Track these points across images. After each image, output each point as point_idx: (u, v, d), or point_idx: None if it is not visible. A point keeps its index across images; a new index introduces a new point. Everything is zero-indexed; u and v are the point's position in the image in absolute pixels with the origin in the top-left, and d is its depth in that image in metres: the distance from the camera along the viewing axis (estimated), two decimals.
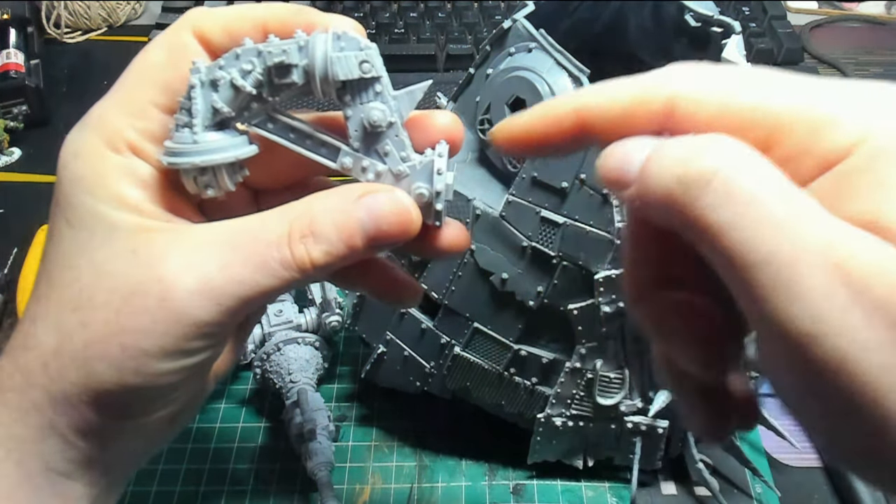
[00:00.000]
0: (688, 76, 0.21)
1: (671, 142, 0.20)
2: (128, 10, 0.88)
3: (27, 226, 0.63)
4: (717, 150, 0.19)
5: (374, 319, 0.49)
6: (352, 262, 0.26)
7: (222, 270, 0.24)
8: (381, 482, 0.49)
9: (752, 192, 0.18)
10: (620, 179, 0.21)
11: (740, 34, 0.43)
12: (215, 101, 0.25)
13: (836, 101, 0.20)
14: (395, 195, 0.26)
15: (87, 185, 0.25)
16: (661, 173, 0.20)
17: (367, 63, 0.25)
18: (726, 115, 0.20)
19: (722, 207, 0.18)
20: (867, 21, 0.91)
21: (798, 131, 0.20)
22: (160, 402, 0.26)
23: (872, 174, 0.18)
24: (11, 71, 0.73)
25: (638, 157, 0.20)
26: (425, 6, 0.85)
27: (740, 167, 0.19)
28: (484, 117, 0.42)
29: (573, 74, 0.39)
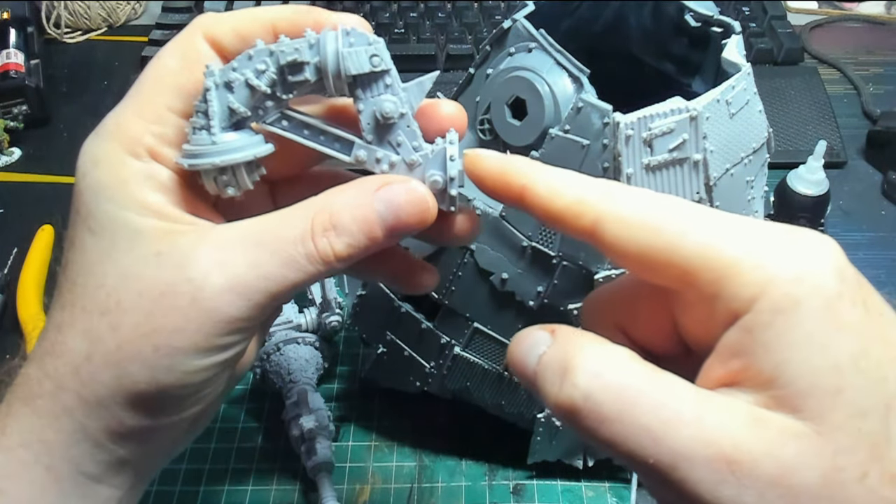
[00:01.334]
0: (618, 200, 0.22)
1: (548, 356, 0.22)
2: (128, 10, 0.88)
3: (27, 226, 0.63)
4: (581, 374, 0.21)
5: (374, 319, 0.49)
6: (373, 252, 0.27)
7: (250, 267, 0.25)
8: (381, 482, 0.49)
9: (619, 412, 0.20)
10: (523, 382, 0.23)
11: (740, 34, 0.43)
12: (231, 102, 0.26)
13: (741, 248, 0.20)
14: (411, 185, 0.27)
15: (109, 193, 0.26)
16: (545, 397, 0.22)
17: (377, 57, 0.26)
18: (643, 253, 0.22)
19: (599, 429, 0.20)
20: (867, 21, 0.91)
21: (705, 277, 0.20)
22: (191, 400, 0.27)
23: (773, 332, 0.19)
24: (11, 71, 0.73)
25: (531, 364, 0.22)
26: (425, 6, 0.85)
27: (605, 388, 0.20)
28: (484, 117, 0.42)
29: (573, 74, 0.39)
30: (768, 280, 0.19)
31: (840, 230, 0.66)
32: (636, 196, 0.22)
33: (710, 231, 0.21)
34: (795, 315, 0.19)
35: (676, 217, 0.21)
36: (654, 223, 0.21)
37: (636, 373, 0.20)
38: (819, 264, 0.20)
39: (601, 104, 0.38)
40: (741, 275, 0.20)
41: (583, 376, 0.21)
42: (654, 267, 0.21)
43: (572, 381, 0.21)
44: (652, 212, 0.22)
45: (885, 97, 0.79)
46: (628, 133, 0.37)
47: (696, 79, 0.47)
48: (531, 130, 0.40)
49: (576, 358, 0.21)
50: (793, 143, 0.71)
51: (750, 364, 0.20)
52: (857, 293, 0.20)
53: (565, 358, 0.21)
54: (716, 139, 0.39)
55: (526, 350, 0.23)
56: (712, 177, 0.40)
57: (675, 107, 0.38)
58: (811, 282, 0.19)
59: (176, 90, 0.26)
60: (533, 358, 0.22)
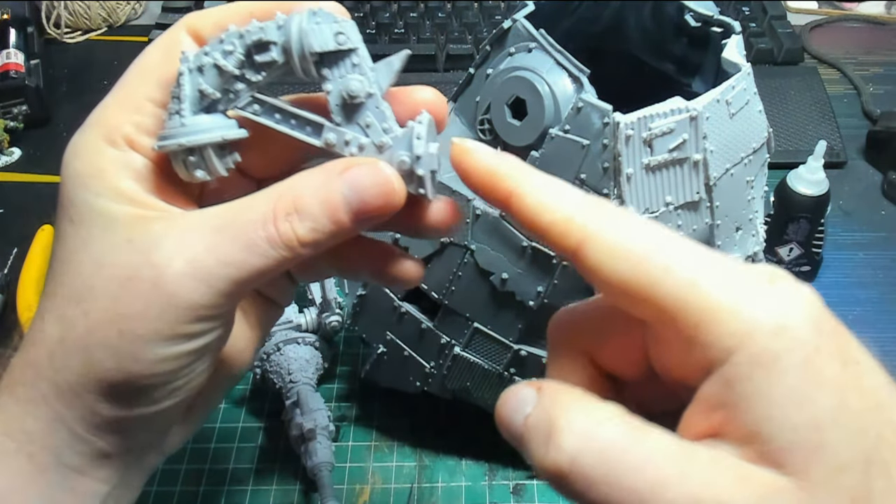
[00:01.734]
0: (605, 225, 0.22)
1: (533, 416, 0.21)
2: (128, 10, 0.88)
3: (27, 226, 0.63)
4: (566, 437, 0.20)
5: (374, 319, 0.49)
6: (342, 239, 0.26)
7: (211, 252, 0.25)
8: (381, 482, 0.49)
9: (606, 475, 0.20)
10: (511, 439, 0.22)
11: (740, 34, 0.43)
12: (200, 85, 0.26)
13: (721, 293, 0.20)
14: (376, 166, 0.25)
15: (86, 181, 0.26)
16: (533, 460, 0.21)
17: (343, 35, 0.25)
18: (623, 284, 0.21)
19: (587, 492, 0.20)
20: (867, 21, 0.91)
21: (684, 320, 0.20)
22: (163, 392, 0.26)
23: (752, 386, 0.19)
24: (11, 71, 0.73)
25: (517, 425, 0.22)
26: (425, 6, 0.85)
27: (591, 450, 0.20)
28: (484, 117, 0.42)
29: (573, 74, 0.39)
30: (747, 332, 0.19)
31: (840, 230, 0.66)
32: (624, 223, 0.22)
33: (694, 270, 0.20)
34: (775, 370, 0.19)
35: (661, 251, 0.21)
36: (638, 254, 0.21)
37: (620, 432, 0.20)
38: (798, 316, 0.19)
39: (601, 104, 0.38)
40: (720, 323, 0.19)
41: (567, 439, 0.20)
42: (634, 300, 0.21)
43: (557, 443, 0.20)
44: (637, 242, 0.21)
45: (885, 97, 0.79)
46: (628, 133, 0.37)
47: (696, 79, 0.47)
48: (531, 130, 0.40)
49: (560, 420, 0.21)
50: (793, 143, 0.71)
51: (731, 417, 0.20)
52: (833, 345, 0.20)
53: (549, 419, 0.21)
54: (716, 139, 0.39)
55: (511, 411, 0.22)
56: (712, 177, 0.40)
57: (675, 107, 0.38)
58: (790, 336, 0.19)
59: (157, 81, 0.27)
60: (519, 419, 0.22)
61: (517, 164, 0.24)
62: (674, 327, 0.20)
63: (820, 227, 0.59)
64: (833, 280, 0.62)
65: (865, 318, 0.59)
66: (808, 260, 0.61)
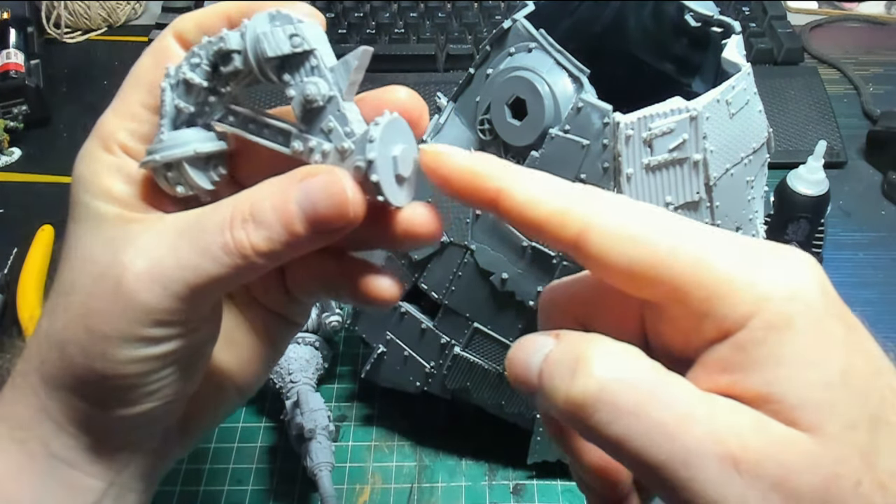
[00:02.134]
0: (605, 211, 0.21)
1: (557, 352, 0.21)
2: (128, 10, 0.88)
3: (27, 226, 0.63)
4: (597, 366, 0.20)
5: (374, 319, 0.49)
6: (302, 252, 0.25)
7: (171, 254, 0.25)
8: (381, 482, 0.49)
9: (636, 405, 0.20)
10: (525, 386, 0.22)
11: (740, 34, 0.43)
12: (175, 100, 0.26)
13: (733, 266, 0.20)
14: (332, 174, 0.24)
15: (85, 184, 0.27)
16: (553, 394, 0.21)
17: (297, 37, 0.24)
18: (631, 268, 0.21)
19: (613, 423, 0.20)
20: (867, 21, 0.91)
21: (697, 295, 0.20)
22: (135, 394, 0.26)
23: (766, 348, 0.20)
24: (11, 71, 0.73)
25: (535, 365, 0.22)
26: (425, 6, 0.85)
27: (621, 380, 0.20)
28: (484, 117, 0.42)
29: (573, 74, 0.39)
30: (762, 298, 0.20)
31: (840, 230, 0.66)
32: (624, 207, 0.22)
33: (702, 247, 0.20)
34: (788, 333, 0.19)
35: (667, 231, 0.21)
36: (643, 237, 0.21)
37: (648, 369, 0.20)
38: (807, 282, 0.20)
39: (601, 104, 0.38)
40: (735, 293, 0.20)
41: (599, 367, 0.20)
42: (642, 282, 0.21)
43: (588, 371, 0.20)
44: (641, 224, 0.21)
45: (885, 97, 0.79)
46: (628, 133, 0.37)
47: (696, 79, 0.47)
48: (531, 130, 0.40)
49: (588, 351, 0.21)
50: (793, 143, 0.71)
51: (739, 380, 0.20)
52: (838, 309, 0.20)
53: (577, 352, 0.21)
54: (716, 139, 0.39)
55: (528, 353, 0.22)
56: (712, 177, 0.40)
57: (675, 107, 0.38)
58: (802, 300, 0.20)
59: (147, 87, 0.27)
60: (537, 359, 0.22)
61: (497, 161, 0.23)
62: (684, 304, 0.21)
63: (820, 227, 0.59)
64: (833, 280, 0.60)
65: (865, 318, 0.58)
66: None
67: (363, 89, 0.27)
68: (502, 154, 0.42)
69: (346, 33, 0.82)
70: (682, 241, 0.21)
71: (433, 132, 0.45)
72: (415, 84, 0.77)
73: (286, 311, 0.32)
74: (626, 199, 0.22)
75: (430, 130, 0.45)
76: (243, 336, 0.31)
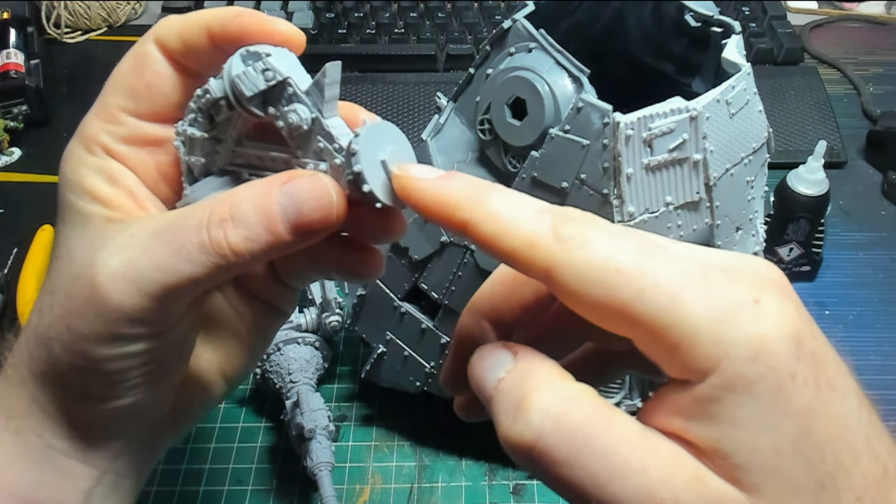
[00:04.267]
0: (572, 249, 0.21)
1: (507, 382, 0.22)
2: (128, 10, 0.88)
3: (27, 226, 0.63)
4: (535, 414, 0.20)
5: (374, 319, 0.49)
6: (284, 253, 0.26)
7: (145, 254, 0.25)
8: (381, 482, 0.49)
9: (569, 456, 0.20)
10: (479, 396, 0.23)
11: (740, 34, 0.43)
12: (187, 157, 0.28)
13: (699, 316, 0.19)
14: (315, 179, 0.25)
15: (70, 185, 0.27)
16: (498, 427, 0.21)
17: (269, 71, 0.25)
18: (597, 308, 0.21)
19: (548, 470, 0.20)
20: (867, 21, 0.91)
21: (660, 342, 0.20)
22: (117, 389, 0.27)
23: (721, 407, 0.19)
24: (11, 71, 0.73)
25: (490, 384, 0.22)
26: (425, 6, 0.85)
27: (557, 431, 0.20)
28: (484, 117, 0.42)
29: (573, 74, 0.39)
30: (724, 356, 0.19)
31: (840, 230, 0.66)
32: (593, 239, 0.21)
33: (670, 291, 0.20)
34: (745, 396, 0.19)
35: (635, 269, 0.20)
36: (610, 277, 0.20)
37: (588, 415, 0.20)
38: (777, 341, 0.19)
39: (601, 104, 0.38)
40: (698, 347, 0.19)
41: (536, 415, 0.20)
42: (610, 322, 0.21)
43: (525, 419, 0.20)
44: (609, 262, 0.20)
45: (885, 97, 0.79)
46: (628, 133, 0.37)
47: (696, 79, 0.47)
48: (531, 130, 0.40)
49: (531, 393, 0.21)
50: (793, 143, 0.71)
51: (691, 428, 0.20)
52: (810, 371, 0.19)
53: (522, 390, 0.21)
54: (716, 139, 0.39)
55: (485, 370, 0.22)
56: (712, 177, 0.40)
57: (675, 107, 0.38)
58: (766, 363, 0.19)
59: (127, 92, 0.28)
60: (492, 380, 0.22)
61: (467, 186, 0.22)
62: (648, 347, 0.21)
63: (820, 227, 0.59)
64: (833, 280, 0.62)
65: (865, 318, 0.59)
66: (808, 260, 0.61)
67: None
68: (502, 154, 0.42)
69: (346, 33, 0.82)
70: (652, 282, 0.20)
71: (433, 132, 0.45)
72: (415, 84, 0.77)
73: (275, 299, 0.32)
74: (599, 225, 0.21)
75: (430, 130, 0.45)
76: (231, 326, 0.31)
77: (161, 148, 0.28)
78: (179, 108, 0.28)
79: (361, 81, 0.77)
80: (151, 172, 0.28)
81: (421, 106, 0.75)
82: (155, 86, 0.28)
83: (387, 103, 0.75)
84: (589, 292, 0.20)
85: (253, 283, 0.31)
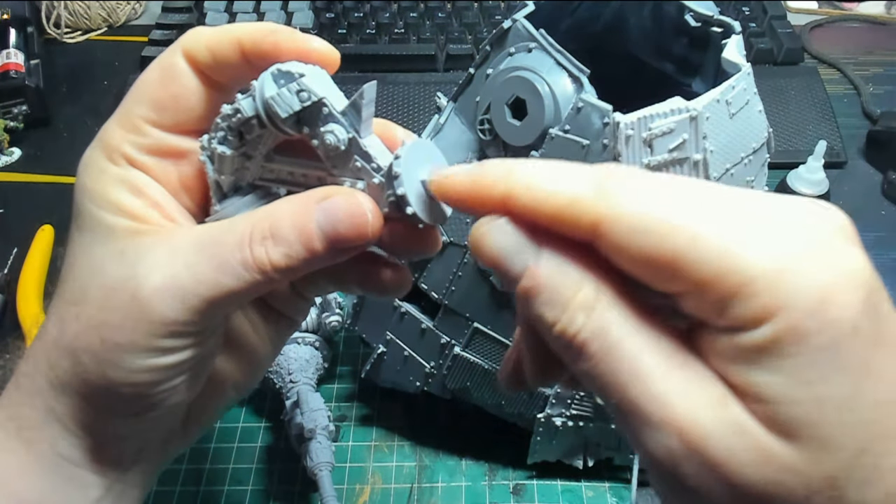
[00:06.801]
0: (618, 201, 0.20)
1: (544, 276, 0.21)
2: (128, 10, 0.88)
3: (27, 226, 0.63)
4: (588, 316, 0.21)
5: (374, 319, 0.49)
6: (317, 267, 0.26)
7: (188, 269, 0.25)
8: (381, 482, 0.49)
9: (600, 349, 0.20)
10: (507, 274, 0.22)
11: (740, 34, 0.43)
12: (216, 175, 0.28)
13: (759, 262, 0.18)
14: (352, 198, 0.25)
15: (91, 194, 0.27)
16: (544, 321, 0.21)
17: (304, 92, 0.25)
18: (650, 261, 0.20)
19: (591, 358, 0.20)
20: (867, 21, 0.91)
21: (716, 290, 0.19)
22: (145, 402, 0.27)
23: (768, 356, 0.19)
24: (11, 71, 0.73)
25: (516, 269, 0.22)
26: (425, 6, 0.85)
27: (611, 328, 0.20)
28: (484, 117, 0.42)
29: (573, 74, 0.39)
30: (783, 306, 0.18)
31: None
32: (638, 189, 0.20)
33: (725, 235, 0.19)
34: (798, 346, 0.18)
35: (685, 216, 0.19)
36: (660, 228, 0.19)
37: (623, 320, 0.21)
38: (845, 291, 0.18)
39: (601, 104, 0.38)
40: (755, 296, 0.18)
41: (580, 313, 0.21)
42: (663, 276, 0.20)
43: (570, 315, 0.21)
44: (657, 211, 0.19)
45: (885, 97, 0.79)
46: (628, 133, 0.37)
47: (696, 79, 0.47)
48: (531, 130, 0.40)
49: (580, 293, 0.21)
50: (793, 143, 0.71)
51: (731, 371, 0.19)
52: (873, 323, 0.18)
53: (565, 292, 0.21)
54: (716, 139, 0.39)
55: (508, 250, 0.22)
56: (712, 177, 0.40)
57: (675, 107, 0.38)
58: (828, 315, 0.18)
59: (152, 103, 0.28)
60: (518, 264, 0.22)
61: (498, 165, 0.22)
62: (703, 297, 0.19)
63: None
64: None
65: None
66: None
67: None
68: (502, 154, 0.42)
69: (346, 33, 0.82)
70: (704, 228, 0.19)
71: (433, 132, 0.45)
72: (415, 84, 0.77)
73: (289, 310, 0.32)
74: (641, 175, 0.21)
75: (430, 130, 0.45)
76: (244, 336, 0.31)
77: (184, 160, 0.28)
78: (204, 120, 0.28)
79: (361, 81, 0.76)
80: (174, 184, 0.28)
81: (421, 106, 0.75)
82: (181, 98, 0.28)
83: (387, 103, 0.75)
84: (639, 244, 0.19)
85: (271, 294, 0.31)
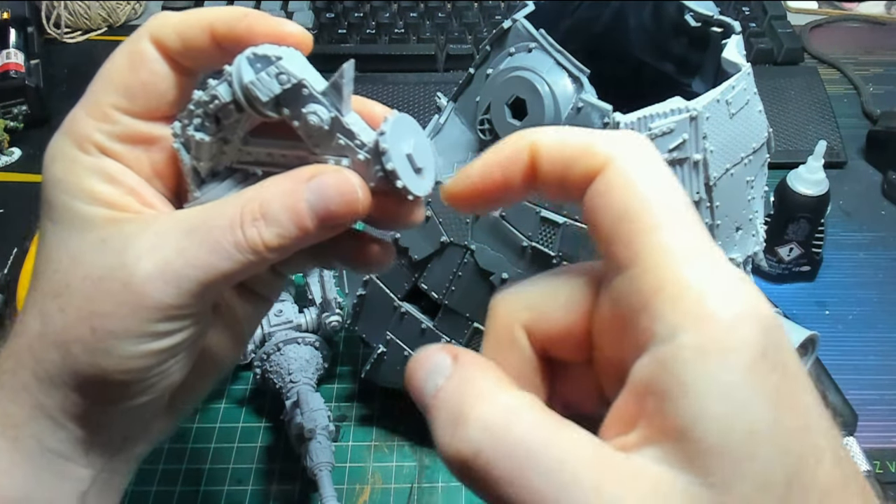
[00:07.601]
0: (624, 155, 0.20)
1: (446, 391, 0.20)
2: (128, 10, 0.88)
3: (27, 226, 0.63)
4: (472, 428, 0.19)
5: (374, 319, 0.49)
6: (308, 244, 0.27)
7: (180, 254, 0.25)
8: (381, 482, 0.49)
9: (511, 473, 0.18)
10: (418, 404, 0.22)
11: (740, 34, 0.43)
12: (193, 161, 0.28)
13: (695, 271, 0.19)
14: (340, 175, 0.26)
15: (63, 185, 0.27)
16: (437, 441, 0.20)
17: (283, 74, 0.25)
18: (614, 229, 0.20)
19: (489, 489, 0.19)
20: (867, 21, 0.91)
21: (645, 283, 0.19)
22: (137, 388, 0.27)
23: (692, 373, 0.18)
24: (11, 71, 0.73)
25: (428, 392, 0.21)
26: (425, 6, 0.85)
27: (495, 448, 0.19)
28: (484, 117, 0.42)
29: (573, 74, 0.39)
30: (704, 315, 0.18)
31: (840, 230, 0.66)
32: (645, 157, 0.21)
33: (677, 239, 0.19)
34: (720, 364, 0.17)
35: (662, 207, 0.20)
36: (640, 201, 0.20)
37: (532, 428, 0.19)
38: (755, 318, 0.18)
39: (601, 104, 0.38)
40: (680, 298, 0.18)
41: (475, 430, 0.19)
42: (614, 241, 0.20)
43: (463, 433, 0.19)
44: (649, 187, 0.20)
45: (885, 97, 0.79)
46: None
47: (696, 79, 0.47)
48: None
49: (470, 407, 0.19)
50: (793, 143, 0.71)
51: (663, 407, 0.18)
52: (778, 354, 0.18)
53: (459, 402, 0.20)
54: (716, 139, 0.39)
55: (423, 378, 0.21)
56: (712, 177, 0.40)
57: (675, 107, 0.38)
58: (743, 334, 0.18)
59: (121, 90, 0.27)
60: (430, 389, 0.21)
61: (502, 143, 0.23)
62: (631, 282, 0.19)
63: (820, 227, 0.59)
64: (833, 280, 0.62)
65: (865, 318, 0.59)
66: (808, 260, 0.61)
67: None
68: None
69: (345, 33, 0.82)
70: (668, 226, 0.19)
71: (433, 132, 0.45)
72: (415, 84, 0.77)
73: (264, 290, 0.32)
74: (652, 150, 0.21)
75: (430, 130, 0.45)
76: (222, 317, 0.31)
77: (155, 146, 0.28)
78: (174, 105, 0.28)
79: (361, 81, 0.77)
80: (146, 170, 0.28)
81: (421, 106, 0.75)
82: (150, 84, 0.28)
83: (387, 103, 0.74)
84: (614, 206, 0.20)
85: None
